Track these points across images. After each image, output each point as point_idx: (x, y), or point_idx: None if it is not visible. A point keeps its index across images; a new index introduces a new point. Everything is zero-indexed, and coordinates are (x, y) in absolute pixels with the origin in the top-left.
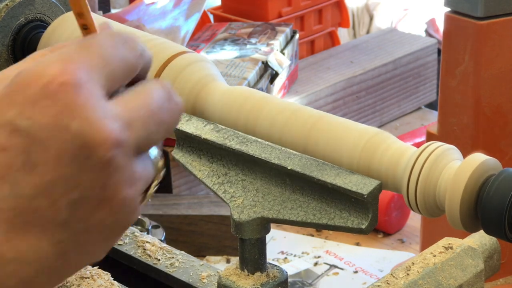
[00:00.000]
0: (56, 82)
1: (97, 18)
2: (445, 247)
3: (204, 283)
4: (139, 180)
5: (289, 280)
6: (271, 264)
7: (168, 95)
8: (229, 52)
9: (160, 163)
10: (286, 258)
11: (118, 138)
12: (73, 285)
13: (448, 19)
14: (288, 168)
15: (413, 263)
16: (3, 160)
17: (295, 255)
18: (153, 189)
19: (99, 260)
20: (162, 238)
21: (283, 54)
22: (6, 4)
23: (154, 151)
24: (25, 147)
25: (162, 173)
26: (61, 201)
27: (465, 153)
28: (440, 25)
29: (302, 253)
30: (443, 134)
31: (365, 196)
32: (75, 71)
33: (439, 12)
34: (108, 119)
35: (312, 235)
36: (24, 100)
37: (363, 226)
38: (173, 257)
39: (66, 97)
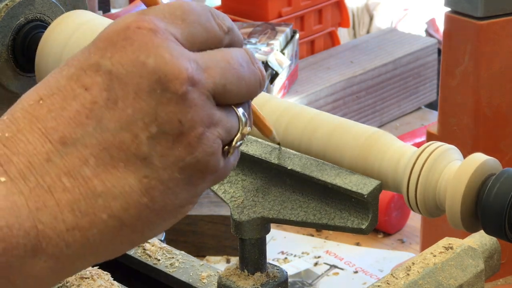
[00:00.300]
0: (133, 26)
1: (98, 18)
2: (445, 247)
3: (204, 283)
4: (218, 125)
5: (289, 280)
6: (271, 264)
7: (251, 59)
8: None
9: (246, 121)
10: (286, 258)
11: (193, 75)
12: (73, 285)
13: (448, 19)
14: (288, 168)
15: (413, 263)
16: (88, 98)
17: (295, 255)
18: (235, 143)
19: (187, 212)
20: (162, 238)
21: (283, 54)
22: (6, 4)
23: (240, 110)
24: (107, 84)
25: (246, 131)
26: (141, 135)
27: (465, 153)
28: (440, 25)
29: (302, 253)
30: (443, 134)
31: (365, 196)
32: (152, 20)
33: (439, 12)
34: (184, 59)
35: (312, 235)
36: (106, 45)
37: (363, 226)
38: (173, 257)
39: (143, 38)
